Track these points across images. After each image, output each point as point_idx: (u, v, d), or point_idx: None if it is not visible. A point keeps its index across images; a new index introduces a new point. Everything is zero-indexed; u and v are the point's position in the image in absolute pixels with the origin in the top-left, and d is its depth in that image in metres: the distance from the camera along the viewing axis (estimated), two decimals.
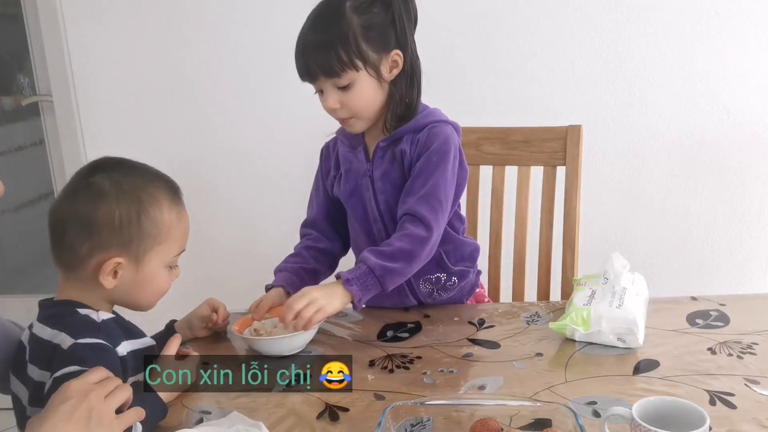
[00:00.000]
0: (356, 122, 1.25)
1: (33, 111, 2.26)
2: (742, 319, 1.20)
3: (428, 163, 1.23)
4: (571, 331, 1.13)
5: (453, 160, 1.25)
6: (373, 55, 1.18)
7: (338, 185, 1.35)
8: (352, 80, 1.18)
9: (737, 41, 1.87)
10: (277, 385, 1.05)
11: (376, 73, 1.20)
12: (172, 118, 2.10)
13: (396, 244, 1.20)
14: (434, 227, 1.21)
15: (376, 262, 1.18)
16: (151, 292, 1.01)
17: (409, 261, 1.20)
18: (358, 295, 1.17)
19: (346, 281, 1.17)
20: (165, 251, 0.99)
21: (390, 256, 1.19)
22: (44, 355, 0.92)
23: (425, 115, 1.27)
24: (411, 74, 1.24)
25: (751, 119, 1.92)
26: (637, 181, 2.00)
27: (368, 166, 1.30)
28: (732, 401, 0.93)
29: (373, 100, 1.22)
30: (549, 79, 1.94)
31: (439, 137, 1.24)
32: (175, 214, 0.99)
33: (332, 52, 1.16)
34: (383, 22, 1.19)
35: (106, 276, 0.94)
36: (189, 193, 2.37)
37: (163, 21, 2.02)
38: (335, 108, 1.21)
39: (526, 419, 0.87)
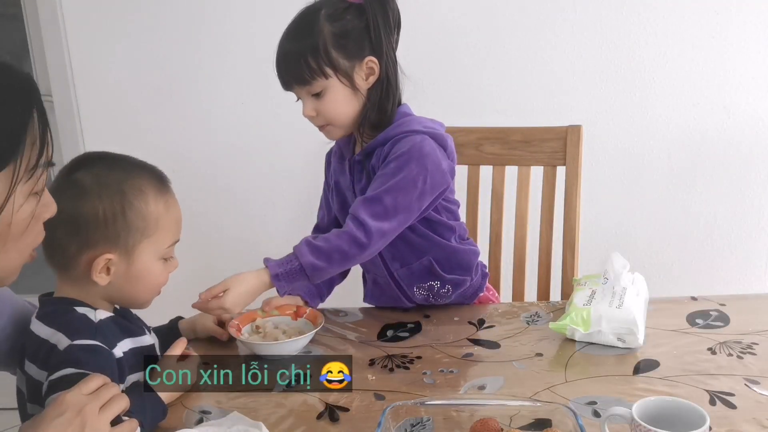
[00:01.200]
0: (332, 129, 1.24)
1: None
2: (742, 319, 1.20)
3: (385, 170, 1.19)
4: (571, 331, 1.13)
5: (417, 169, 1.18)
6: (344, 62, 1.18)
7: (331, 197, 1.35)
8: (324, 87, 1.18)
9: (737, 41, 1.87)
10: (277, 385, 1.05)
11: (349, 81, 1.19)
12: (172, 117, 2.10)
13: (335, 242, 1.16)
14: (375, 235, 1.16)
15: (309, 261, 1.15)
16: (148, 286, 0.99)
17: (342, 262, 1.18)
18: (283, 289, 1.18)
19: (274, 276, 1.15)
20: (156, 243, 0.96)
21: (326, 254, 1.16)
22: (41, 354, 0.91)
23: (397, 126, 1.23)
24: (387, 81, 1.21)
25: (751, 119, 1.92)
26: (637, 181, 2.00)
27: (351, 180, 1.29)
28: (732, 401, 0.93)
29: (347, 108, 1.21)
30: (549, 79, 1.94)
31: (402, 147, 1.19)
32: (162, 204, 0.96)
33: (302, 60, 1.16)
34: (357, 29, 1.18)
35: (99, 273, 0.92)
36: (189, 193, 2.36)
37: (163, 21, 2.02)
38: (311, 115, 1.21)
39: (526, 419, 0.87)
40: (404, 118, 1.24)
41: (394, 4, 1.21)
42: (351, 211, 1.19)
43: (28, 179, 0.73)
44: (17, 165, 0.70)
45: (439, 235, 1.29)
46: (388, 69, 1.21)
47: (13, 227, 0.73)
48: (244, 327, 1.21)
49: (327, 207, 1.40)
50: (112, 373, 0.90)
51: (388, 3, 1.20)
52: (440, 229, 1.29)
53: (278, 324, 1.23)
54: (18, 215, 0.73)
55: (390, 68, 1.21)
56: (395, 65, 1.23)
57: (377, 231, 1.16)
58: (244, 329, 1.20)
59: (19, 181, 0.71)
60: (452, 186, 1.29)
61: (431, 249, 1.28)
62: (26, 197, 0.74)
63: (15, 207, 0.72)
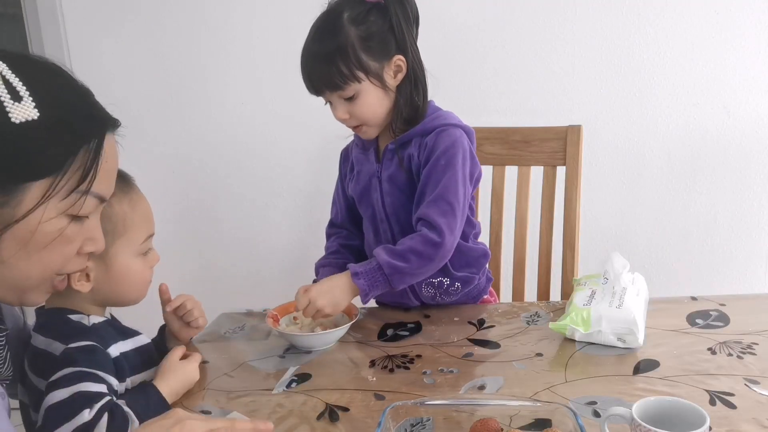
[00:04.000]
0: (368, 129, 1.26)
1: None
2: (742, 319, 1.20)
3: (436, 167, 1.23)
4: (571, 331, 1.13)
5: (462, 163, 1.24)
6: (374, 64, 1.19)
7: (351, 185, 1.37)
8: (357, 91, 1.19)
9: (737, 41, 1.87)
10: (277, 385, 1.05)
11: (380, 81, 1.20)
12: (171, 117, 2.10)
13: (408, 243, 1.21)
14: (446, 231, 1.20)
15: (387, 260, 1.19)
16: (132, 283, 0.99)
17: (420, 262, 1.21)
18: (365, 289, 1.19)
19: (354, 274, 1.19)
20: (129, 242, 0.96)
21: (401, 255, 1.20)
22: (40, 364, 0.92)
23: (434, 119, 1.26)
24: (414, 77, 1.24)
25: (751, 119, 1.92)
26: (637, 181, 2.00)
27: (377, 168, 1.31)
28: (732, 401, 0.93)
29: (380, 108, 1.23)
30: (549, 79, 1.94)
31: (446, 141, 1.23)
32: (126, 203, 0.96)
33: (333, 67, 1.17)
34: (381, 30, 1.19)
35: (78, 282, 0.92)
36: (189, 193, 2.37)
37: (163, 21, 2.02)
38: (345, 118, 1.23)
39: (526, 419, 0.86)
40: (437, 111, 1.28)
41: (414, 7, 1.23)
42: (420, 215, 1.22)
43: (64, 198, 0.75)
44: (56, 181, 0.73)
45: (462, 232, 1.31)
46: (414, 64, 1.23)
47: (37, 236, 0.75)
48: (282, 318, 1.23)
49: (341, 203, 1.42)
50: (108, 370, 0.90)
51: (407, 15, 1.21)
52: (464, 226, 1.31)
53: None
54: (44, 226, 0.75)
55: (416, 63, 1.24)
56: (419, 59, 1.25)
57: (448, 228, 1.20)
58: (282, 320, 1.22)
59: (53, 196, 0.73)
60: None
61: None
62: (59, 214, 0.76)
63: (44, 217, 0.74)
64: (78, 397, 0.84)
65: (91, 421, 0.82)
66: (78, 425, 0.81)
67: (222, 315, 1.38)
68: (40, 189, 0.73)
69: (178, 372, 1.00)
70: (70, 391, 0.84)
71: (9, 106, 0.70)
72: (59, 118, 0.74)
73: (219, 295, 1.84)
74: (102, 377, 0.88)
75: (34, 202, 0.72)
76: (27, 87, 0.72)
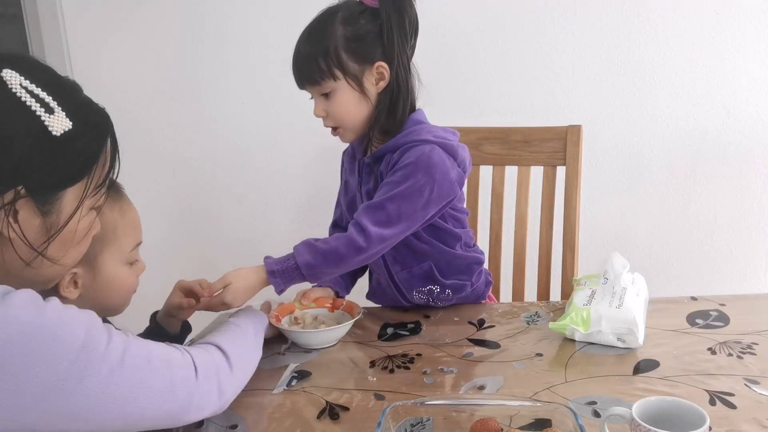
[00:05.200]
0: (344, 132, 1.25)
1: None
2: (742, 319, 1.20)
3: (391, 177, 1.20)
4: (571, 331, 1.13)
5: (424, 178, 1.17)
6: (353, 65, 1.18)
7: (342, 194, 1.37)
8: (333, 89, 1.19)
9: (737, 41, 1.87)
10: (277, 384, 1.05)
11: (358, 84, 1.19)
12: (171, 118, 2.10)
13: (333, 243, 1.17)
14: (374, 239, 1.16)
15: (306, 261, 1.16)
16: (118, 291, 0.99)
17: (338, 264, 1.18)
18: (279, 286, 1.18)
19: (270, 273, 1.17)
20: (117, 250, 0.97)
21: (323, 254, 1.17)
22: None
23: (406, 134, 1.22)
24: (398, 87, 1.21)
25: (751, 119, 1.92)
26: (638, 181, 2.00)
27: (359, 181, 1.30)
28: (732, 401, 0.93)
29: (357, 112, 1.21)
30: (549, 79, 1.94)
31: (409, 157, 1.19)
32: (116, 211, 0.96)
33: (313, 61, 1.17)
34: (371, 34, 1.18)
35: (66, 288, 0.93)
36: (189, 193, 2.37)
37: (163, 21, 2.02)
38: (321, 116, 1.23)
39: (526, 419, 0.86)
40: (416, 126, 1.23)
41: (412, 10, 1.20)
42: (354, 216, 1.20)
43: (94, 194, 0.81)
44: (89, 181, 0.79)
45: (444, 243, 1.29)
46: (399, 75, 1.21)
47: (77, 234, 0.82)
48: (284, 319, 1.23)
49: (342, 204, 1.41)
50: None
51: (404, 8, 1.19)
52: (445, 237, 1.29)
53: (316, 315, 1.25)
54: (81, 224, 0.81)
55: (401, 74, 1.21)
56: (407, 71, 1.22)
57: (377, 237, 1.17)
58: (283, 320, 1.22)
59: (88, 196, 0.80)
60: (461, 195, 1.30)
61: (433, 255, 1.29)
62: (89, 210, 0.83)
63: (80, 216, 0.80)
64: None
65: None
66: None
67: (222, 315, 1.37)
68: (75, 192, 0.78)
69: None
70: None
71: (46, 120, 0.73)
72: (84, 120, 0.78)
73: None
74: None
75: (73, 206, 0.78)
76: (52, 96, 0.75)
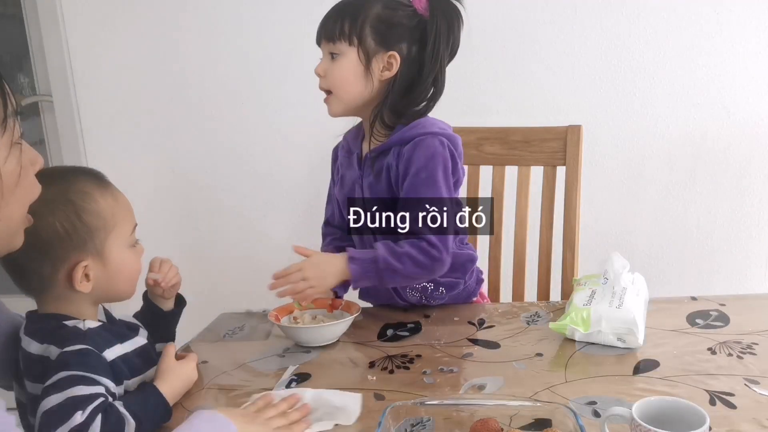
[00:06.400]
0: (333, 101, 1.26)
1: (33, 111, 2.26)
2: (742, 319, 1.20)
3: (417, 181, 1.21)
4: (571, 331, 1.13)
5: (444, 176, 1.22)
6: (371, 42, 1.21)
7: (337, 189, 1.37)
8: (342, 53, 1.22)
9: (737, 41, 1.87)
10: (277, 385, 1.05)
11: (366, 60, 1.22)
12: (172, 117, 2.10)
13: (407, 248, 1.20)
14: (443, 249, 1.20)
15: (384, 255, 1.19)
16: (127, 277, 1.00)
17: (415, 270, 1.20)
18: (356, 276, 1.19)
19: (350, 258, 1.19)
20: (120, 234, 0.97)
21: (398, 256, 1.19)
22: (37, 370, 0.91)
23: (412, 127, 1.24)
24: (409, 85, 1.24)
25: (751, 119, 1.92)
26: (638, 181, 2.00)
27: (359, 174, 1.30)
28: (732, 401, 0.93)
29: (353, 83, 1.23)
30: (549, 79, 1.94)
31: (426, 152, 1.21)
32: (110, 197, 0.97)
33: (339, 20, 1.22)
34: (399, 26, 1.22)
35: (80, 283, 0.93)
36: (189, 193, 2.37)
37: (163, 21, 2.02)
38: (320, 74, 1.25)
39: (526, 419, 0.86)
40: (420, 119, 1.26)
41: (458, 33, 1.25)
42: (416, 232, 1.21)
43: (3, 132, 0.75)
44: None
45: None
46: (404, 73, 1.23)
47: (5, 178, 0.76)
48: (282, 318, 1.23)
49: (334, 203, 1.42)
50: (105, 373, 0.90)
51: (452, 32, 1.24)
52: None
53: (315, 315, 1.25)
54: (6, 167, 0.76)
55: (407, 73, 1.23)
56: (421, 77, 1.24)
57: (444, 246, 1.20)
58: (282, 320, 1.22)
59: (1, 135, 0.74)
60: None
61: None
62: (9, 149, 0.77)
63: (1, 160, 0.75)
64: (70, 401, 0.83)
65: (84, 422, 0.81)
66: (72, 427, 0.81)
67: (222, 315, 1.38)
68: None
69: (177, 372, 1.01)
70: (64, 395, 0.84)
71: None
72: None
73: (219, 295, 1.85)
74: (96, 380, 0.88)
75: None
76: None
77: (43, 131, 2.26)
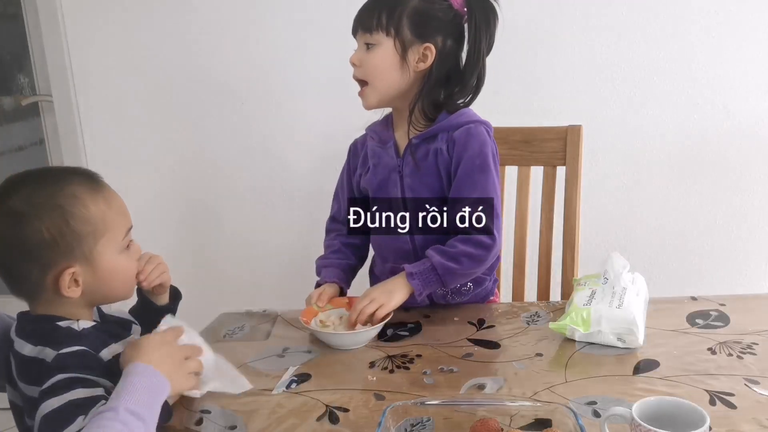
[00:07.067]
0: (368, 92, 1.29)
1: (33, 111, 2.26)
2: (742, 319, 1.20)
3: (473, 168, 1.26)
4: (571, 331, 1.13)
5: (494, 164, 1.28)
6: (408, 33, 1.24)
7: (366, 178, 1.38)
8: (378, 43, 1.25)
9: (737, 41, 1.87)
10: (277, 385, 1.05)
11: (402, 51, 1.24)
12: (172, 117, 2.10)
13: (461, 247, 1.23)
14: (496, 234, 1.24)
15: (440, 261, 1.23)
16: (120, 281, 0.98)
17: (472, 264, 1.24)
18: (418, 288, 1.23)
19: (409, 275, 1.23)
20: (111, 240, 0.95)
21: (453, 257, 1.23)
22: (32, 373, 0.90)
23: (459, 115, 1.29)
24: (447, 77, 1.28)
25: (751, 119, 1.92)
26: (637, 181, 1.99)
27: (399, 162, 1.32)
28: (732, 401, 0.93)
29: (389, 73, 1.26)
30: (549, 79, 1.94)
31: (478, 139, 1.27)
32: (102, 202, 0.95)
33: (376, 11, 1.24)
34: (436, 19, 1.25)
35: (68, 288, 0.92)
36: (189, 192, 2.37)
37: (163, 20, 2.02)
38: (355, 64, 1.27)
39: (526, 419, 0.87)
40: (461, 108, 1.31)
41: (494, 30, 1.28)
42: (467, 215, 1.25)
43: None
44: None
45: None
46: (439, 65, 1.26)
47: None
48: (311, 322, 1.23)
49: (343, 198, 1.43)
50: (102, 374, 0.89)
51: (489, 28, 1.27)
52: None
53: (343, 315, 1.26)
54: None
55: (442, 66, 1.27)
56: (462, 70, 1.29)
57: (497, 231, 1.25)
58: (312, 323, 1.22)
59: None
60: None
61: None
62: None
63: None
64: (71, 405, 0.82)
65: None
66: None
67: (222, 315, 1.38)
68: None
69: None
70: (63, 399, 0.83)
71: None
72: None
73: (219, 295, 1.85)
74: (95, 381, 0.87)
75: None
76: None
77: (43, 131, 2.26)
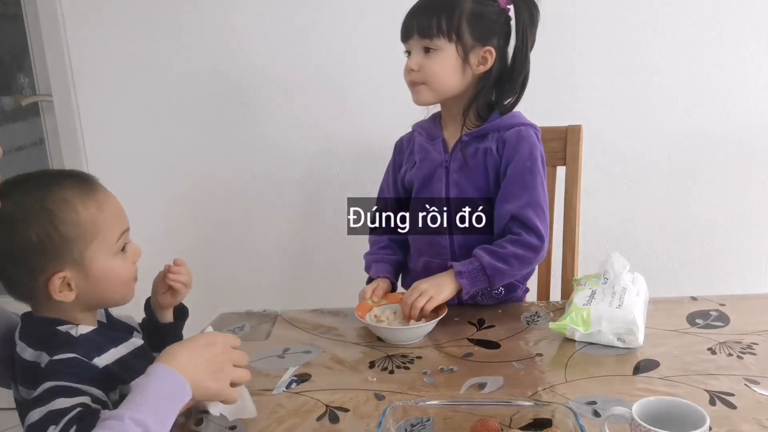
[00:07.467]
0: (425, 91, 1.29)
1: (33, 111, 2.25)
2: (742, 319, 1.20)
3: (523, 169, 1.27)
4: (571, 331, 1.13)
5: (542, 167, 1.29)
6: (468, 38, 1.25)
7: (412, 172, 1.39)
8: (440, 48, 1.25)
9: (737, 41, 1.87)
10: (277, 385, 1.05)
11: (464, 55, 1.25)
12: (172, 117, 2.10)
13: (510, 248, 1.25)
14: (544, 236, 1.26)
15: (489, 261, 1.24)
16: (116, 283, 0.97)
17: (520, 265, 1.26)
18: (466, 288, 1.24)
19: (457, 273, 1.24)
20: (103, 243, 0.94)
21: (503, 258, 1.25)
22: (29, 377, 0.91)
23: (511, 116, 1.31)
24: (499, 77, 1.29)
25: (751, 119, 1.92)
26: (638, 181, 1.99)
27: (446, 158, 1.33)
28: (732, 401, 0.93)
29: (450, 78, 1.27)
30: (549, 79, 1.94)
31: (529, 141, 1.28)
32: (93, 205, 0.93)
33: (435, 17, 1.24)
34: (490, 20, 1.26)
35: (60, 293, 0.91)
36: (189, 192, 2.36)
37: (163, 20, 2.02)
38: (414, 69, 1.27)
39: (526, 419, 0.87)
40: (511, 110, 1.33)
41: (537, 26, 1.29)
42: (516, 215, 1.27)
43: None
44: None
45: None
46: (502, 66, 1.29)
47: None
48: (366, 317, 1.24)
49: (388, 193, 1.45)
50: (92, 382, 0.88)
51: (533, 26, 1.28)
52: None
53: (397, 310, 1.27)
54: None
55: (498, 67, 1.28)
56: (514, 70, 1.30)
57: (545, 232, 1.27)
58: (367, 318, 1.24)
59: None
60: None
61: None
62: None
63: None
64: (50, 415, 0.82)
65: None
66: None
67: (222, 315, 1.38)
68: None
69: None
70: (45, 409, 0.82)
71: None
72: None
73: (219, 295, 1.84)
74: (80, 390, 0.86)
75: None
76: None
77: (43, 131, 2.26)
